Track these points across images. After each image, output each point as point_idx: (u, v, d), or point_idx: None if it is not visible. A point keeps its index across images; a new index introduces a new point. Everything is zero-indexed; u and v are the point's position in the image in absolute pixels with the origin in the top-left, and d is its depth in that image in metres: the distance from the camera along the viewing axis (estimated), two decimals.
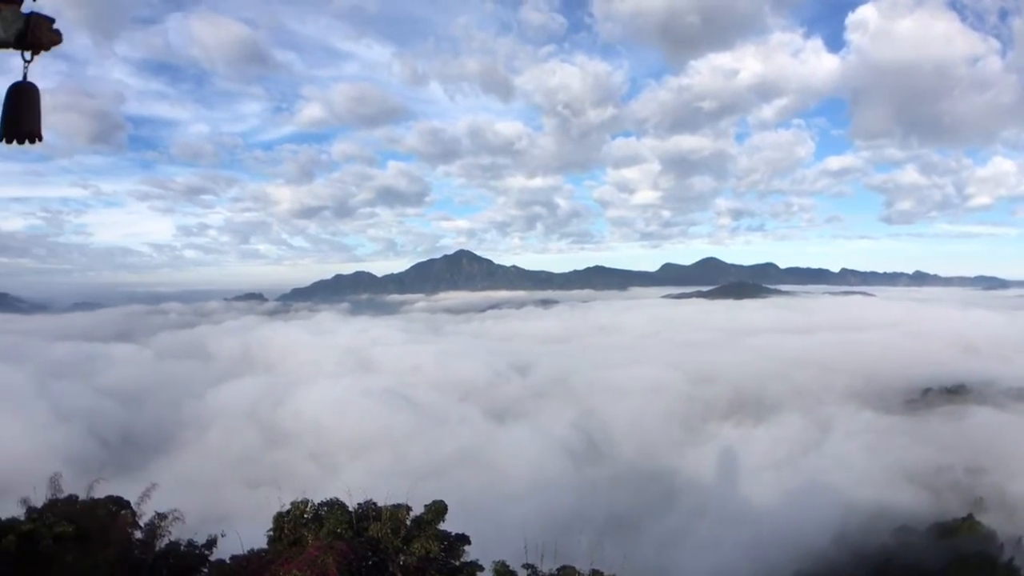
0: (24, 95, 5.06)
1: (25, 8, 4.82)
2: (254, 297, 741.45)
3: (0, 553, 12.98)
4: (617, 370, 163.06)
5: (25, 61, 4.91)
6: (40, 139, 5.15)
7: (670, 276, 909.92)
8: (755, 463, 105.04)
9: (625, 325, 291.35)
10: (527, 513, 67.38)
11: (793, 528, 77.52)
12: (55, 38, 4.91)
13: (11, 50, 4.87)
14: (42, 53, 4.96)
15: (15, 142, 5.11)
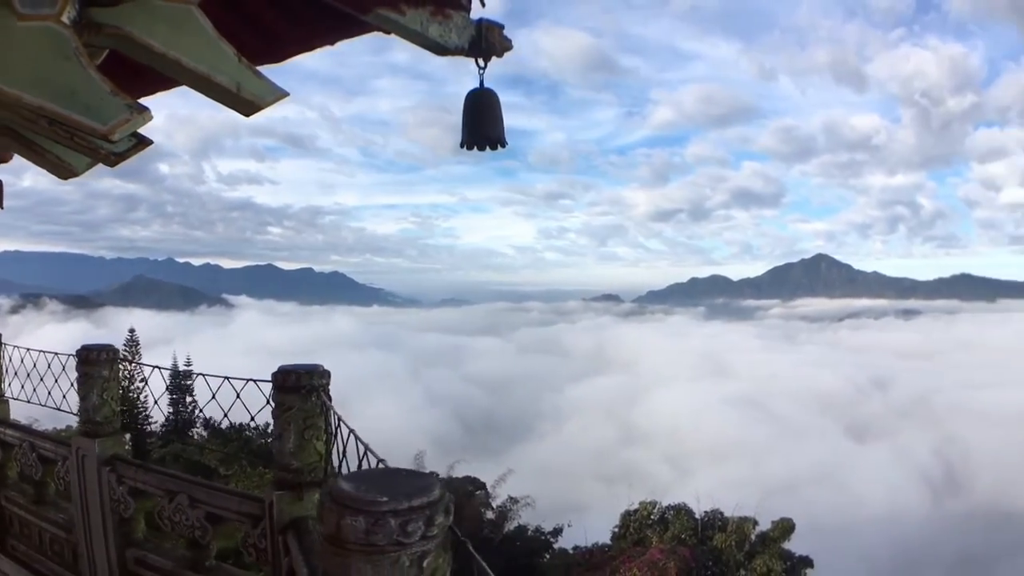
0: (484, 101, 5.14)
1: (474, 15, 4.84)
2: (611, 298, 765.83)
3: None
4: (982, 392, 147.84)
5: (480, 68, 4.96)
6: (504, 144, 5.21)
7: None
8: None
9: (992, 342, 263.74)
10: (875, 542, 63.57)
11: None
12: (506, 45, 4.95)
13: (463, 57, 4.90)
14: (493, 59, 4.96)
15: (475, 148, 5.18)
